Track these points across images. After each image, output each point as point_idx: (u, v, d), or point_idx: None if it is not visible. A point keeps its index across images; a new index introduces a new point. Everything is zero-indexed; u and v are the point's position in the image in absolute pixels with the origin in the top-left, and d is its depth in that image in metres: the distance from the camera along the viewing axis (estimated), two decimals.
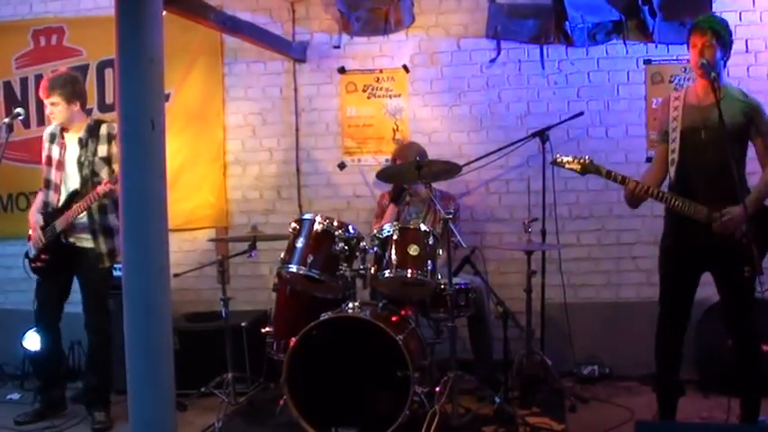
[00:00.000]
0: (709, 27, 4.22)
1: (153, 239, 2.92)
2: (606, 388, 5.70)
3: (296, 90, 6.55)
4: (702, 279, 4.41)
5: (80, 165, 5.21)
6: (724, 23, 4.29)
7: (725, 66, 4.32)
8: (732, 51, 4.33)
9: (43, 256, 5.25)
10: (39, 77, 6.61)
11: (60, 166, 5.27)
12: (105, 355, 5.32)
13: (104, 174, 5.17)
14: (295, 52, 6.42)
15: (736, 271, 4.05)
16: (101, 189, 5.00)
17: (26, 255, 5.36)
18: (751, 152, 4.34)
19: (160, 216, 2.94)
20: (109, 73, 6.62)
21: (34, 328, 5.52)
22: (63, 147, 5.28)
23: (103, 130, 5.27)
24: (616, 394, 5.54)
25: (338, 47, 6.47)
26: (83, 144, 5.23)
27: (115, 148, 5.19)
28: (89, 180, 5.16)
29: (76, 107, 5.26)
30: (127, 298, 2.91)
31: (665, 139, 4.40)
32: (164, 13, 2.97)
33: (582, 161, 4.37)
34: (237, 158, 6.68)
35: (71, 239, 5.21)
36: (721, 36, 4.22)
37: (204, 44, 6.53)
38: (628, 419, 4.86)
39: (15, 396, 5.87)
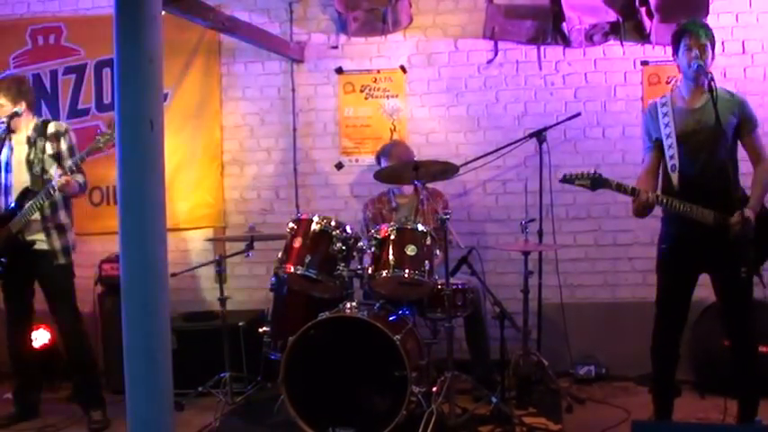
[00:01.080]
0: (703, 30, 4.26)
1: (151, 239, 2.91)
2: (602, 388, 5.71)
3: (294, 90, 6.55)
4: (699, 280, 4.43)
5: (29, 163, 5.19)
6: (710, 29, 4.34)
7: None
8: (728, 52, 4.35)
9: (3, 260, 5.19)
10: (36, 76, 6.62)
11: (9, 167, 5.25)
12: (83, 353, 5.32)
13: (53, 171, 5.13)
14: (293, 52, 6.42)
15: (734, 273, 4.06)
16: (58, 182, 4.99)
17: None
18: (741, 153, 4.38)
19: (159, 216, 2.93)
20: (107, 73, 6.62)
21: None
22: (11, 149, 5.26)
23: (51, 128, 5.27)
24: (612, 394, 5.56)
25: (336, 47, 6.48)
26: (31, 143, 5.22)
27: (64, 145, 5.25)
28: (40, 177, 5.16)
29: (22, 107, 5.23)
30: (125, 298, 2.91)
31: (658, 147, 4.41)
32: (162, 13, 2.96)
33: (592, 177, 4.35)
34: (235, 158, 6.69)
35: (28, 238, 5.18)
36: (711, 40, 4.27)
37: (202, 44, 6.54)
38: (624, 419, 4.88)
39: (11, 395, 5.83)
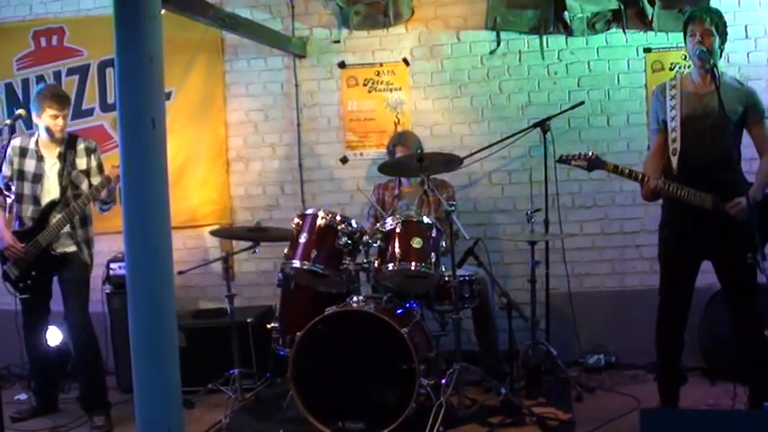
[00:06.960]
0: (708, 16, 4.24)
1: (156, 237, 2.93)
2: (612, 377, 5.70)
3: (297, 86, 6.54)
4: (707, 266, 4.42)
5: (60, 177, 5.19)
6: (720, 14, 4.33)
7: (721, 55, 4.34)
8: (731, 37, 4.35)
9: (33, 273, 5.19)
10: (40, 78, 6.65)
11: (38, 179, 5.23)
12: (95, 356, 5.32)
13: (84, 186, 5.20)
14: (295, 48, 6.42)
15: (737, 258, 4.05)
16: (112, 172, 5.02)
17: (5, 277, 5.24)
18: (746, 139, 4.38)
19: (162, 214, 2.95)
20: (110, 73, 6.62)
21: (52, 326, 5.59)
22: (42, 160, 5.24)
23: (81, 144, 5.30)
24: (622, 383, 5.55)
25: (338, 41, 6.47)
26: (62, 157, 5.23)
27: (94, 162, 5.30)
28: (67, 191, 5.18)
29: (60, 112, 5.23)
30: (132, 296, 2.92)
31: (664, 129, 4.41)
32: (162, 11, 2.97)
33: (588, 157, 4.35)
34: (240, 155, 6.69)
35: (59, 251, 5.19)
36: (719, 25, 4.25)
37: (204, 42, 6.53)
38: (634, 408, 4.87)
39: (23, 397, 5.87)
